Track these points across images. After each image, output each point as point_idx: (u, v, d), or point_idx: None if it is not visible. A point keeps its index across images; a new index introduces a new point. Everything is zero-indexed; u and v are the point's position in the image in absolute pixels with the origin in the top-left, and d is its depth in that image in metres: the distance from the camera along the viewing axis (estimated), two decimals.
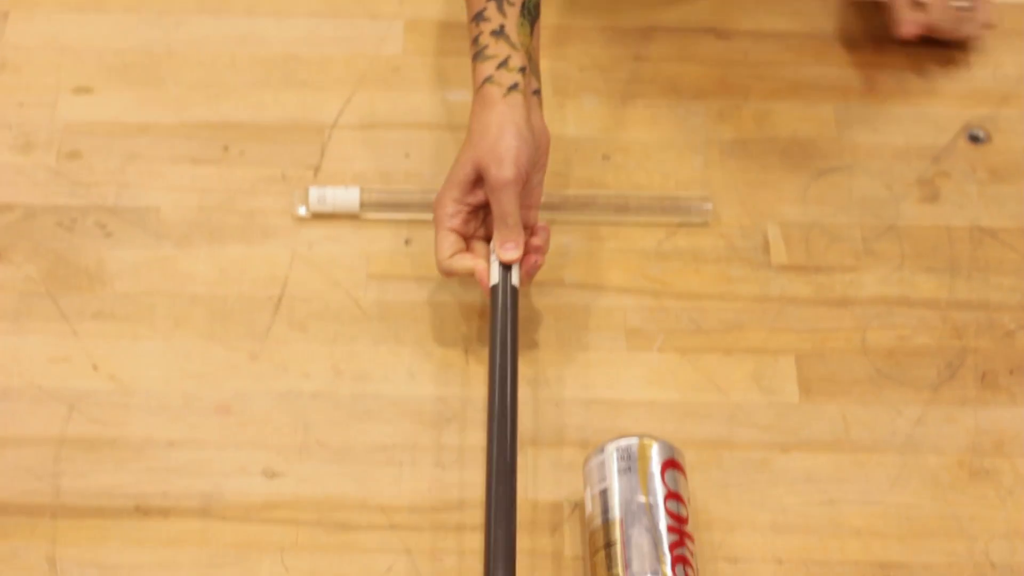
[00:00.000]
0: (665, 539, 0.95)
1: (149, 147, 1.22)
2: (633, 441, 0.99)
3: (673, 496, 0.97)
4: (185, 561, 1.00)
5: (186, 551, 1.01)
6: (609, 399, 1.09)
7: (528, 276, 1.09)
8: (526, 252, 1.08)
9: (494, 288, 1.06)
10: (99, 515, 1.02)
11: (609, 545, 0.96)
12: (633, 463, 0.98)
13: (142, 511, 1.02)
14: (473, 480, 1.04)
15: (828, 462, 1.06)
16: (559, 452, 1.06)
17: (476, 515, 1.03)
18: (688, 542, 0.96)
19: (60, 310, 1.12)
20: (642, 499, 0.97)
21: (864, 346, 1.12)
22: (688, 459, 1.04)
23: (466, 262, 1.07)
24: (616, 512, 0.97)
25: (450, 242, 1.07)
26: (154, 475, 1.04)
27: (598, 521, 0.98)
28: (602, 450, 1.00)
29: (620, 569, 0.94)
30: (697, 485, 1.04)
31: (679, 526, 0.96)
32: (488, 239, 1.09)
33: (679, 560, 0.94)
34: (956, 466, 1.07)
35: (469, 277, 1.08)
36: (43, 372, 1.09)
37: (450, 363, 1.11)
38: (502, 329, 1.04)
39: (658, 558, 0.94)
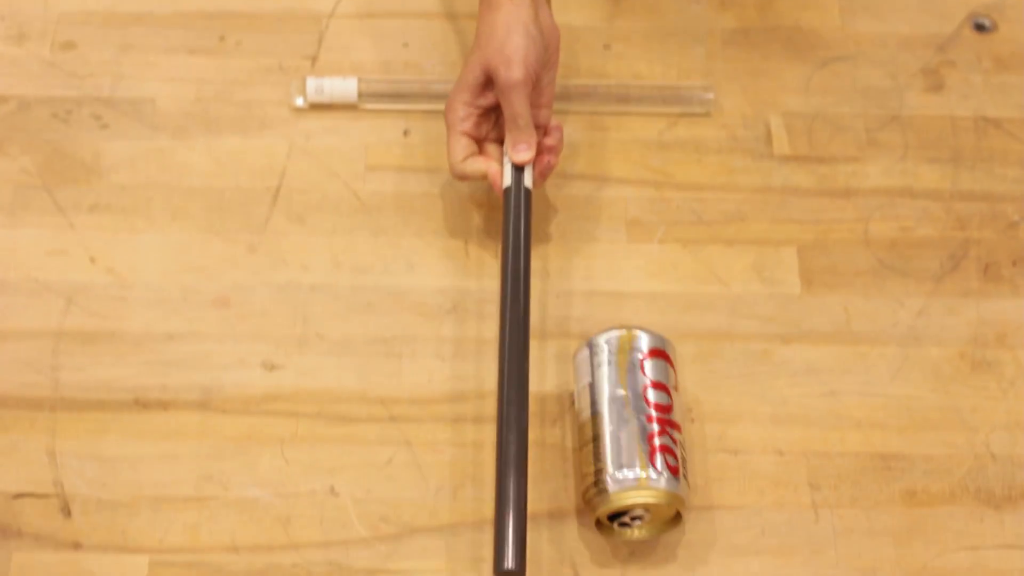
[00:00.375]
0: (646, 430, 0.94)
1: (144, 37, 1.20)
2: (614, 333, 0.99)
3: (657, 386, 0.96)
4: (184, 454, 1.00)
5: (185, 444, 1.00)
6: (611, 291, 1.08)
7: (542, 177, 1.07)
8: (539, 153, 1.06)
9: (507, 190, 1.05)
10: (98, 408, 1.01)
11: (595, 439, 0.95)
12: (614, 356, 0.98)
13: (141, 404, 1.02)
14: (473, 372, 1.04)
15: (829, 354, 1.05)
16: (562, 344, 1.05)
17: (476, 407, 1.02)
18: (672, 431, 0.95)
19: (56, 203, 1.10)
20: (621, 392, 0.96)
21: (866, 237, 1.11)
22: (689, 351, 1.04)
23: (479, 165, 1.06)
24: (600, 406, 0.96)
25: (462, 145, 1.05)
26: (153, 368, 1.03)
27: (584, 415, 0.97)
28: (587, 344, 0.99)
29: (603, 463, 0.94)
30: (698, 377, 1.04)
31: (663, 415, 0.95)
32: (501, 141, 1.07)
33: (662, 450, 0.94)
34: (957, 358, 1.06)
35: (482, 180, 1.06)
36: (40, 265, 1.07)
37: (450, 254, 1.09)
38: (515, 232, 1.03)
39: (639, 450, 0.93)
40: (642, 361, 0.97)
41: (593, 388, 0.97)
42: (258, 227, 1.10)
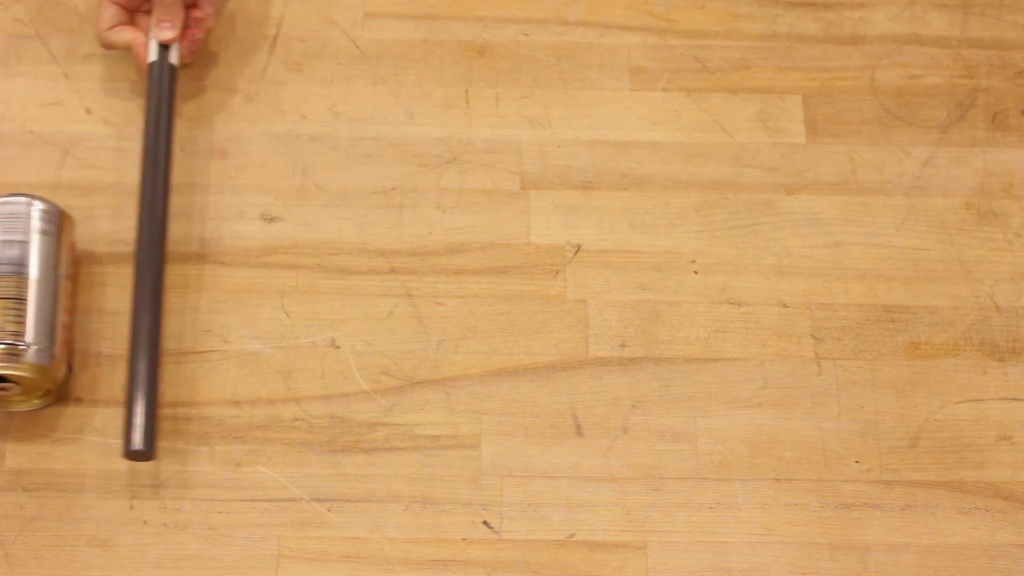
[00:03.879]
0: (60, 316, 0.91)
1: None
2: (53, 207, 0.93)
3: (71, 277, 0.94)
4: (184, 306, 0.95)
5: (185, 296, 0.96)
6: (613, 140, 1.02)
7: (190, 53, 1.01)
8: (187, 27, 1.00)
9: (151, 65, 0.99)
10: (97, 261, 0.97)
11: (18, 299, 0.90)
12: (55, 229, 0.92)
13: None
14: (474, 223, 0.99)
15: (834, 204, 1.00)
16: (562, 194, 1.00)
17: (478, 259, 0.98)
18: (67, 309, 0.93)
19: (51, 52, 1.04)
20: (62, 271, 0.92)
21: (873, 85, 1.05)
22: (691, 201, 1.01)
23: (124, 35, 1.00)
24: (33, 272, 0.90)
25: (112, 13, 1.00)
26: None
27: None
28: (21, 200, 0.93)
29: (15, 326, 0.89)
30: (700, 228, 0.99)
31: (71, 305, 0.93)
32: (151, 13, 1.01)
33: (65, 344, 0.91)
34: (963, 208, 1.00)
35: (128, 51, 1.00)
36: (35, 117, 1.02)
37: (451, 103, 1.03)
38: (156, 108, 0.97)
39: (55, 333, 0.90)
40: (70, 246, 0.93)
41: (28, 251, 0.91)
42: (255, 76, 1.04)
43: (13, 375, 0.88)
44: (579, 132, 1.03)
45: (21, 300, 0.89)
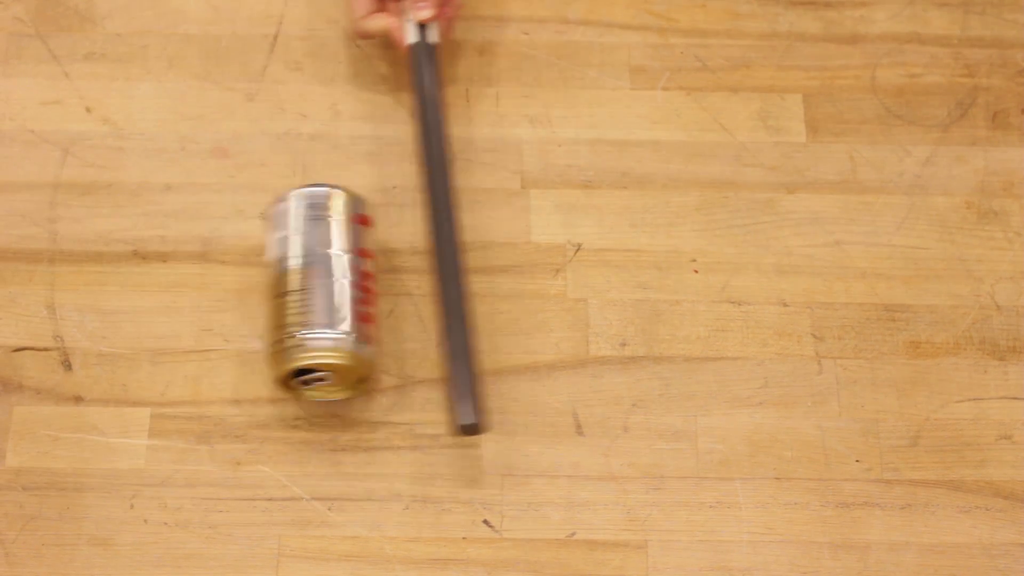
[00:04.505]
0: (348, 293, 0.89)
1: None
2: (322, 191, 0.93)
3: (360, 252, 0.92)
4: (185, 305, 0.95)
5: (185, 295, 0.95)
6: (613, 139, 1.02)
7: (447, 31, 1.02)
8: (441, 5, 1.00)
9: (412, 47, 0.99)
10: (97, 260, 0.96)
11: (291, 293, 0.89)
12: (321, 212, 0.92)
13: (140, 256, 0.96)
14: (475, 222, 0.98)
15: (834, 203, 1.00)
16: (562, 193, 0.99)
17: (478, 258, 0.97)
18: (375, 299, 0.91)
19: (51, 51, 1.04)
20: (327, 250, 0.91)
21: (873, 84, 1.05)
22: (692, 200, 1.00)
23: (380, 21, 1.00)
24: (300, 261, 0.90)
25: (364, 2, 1.00)
26: (151, 219, 0.98)
27: (284, 266, 0.91)
28: (286, 198, 0.93)
29: (300, 317, 0.88)
30: (701, 227, 0.99)
31: (364, 282, 0.90)
32: None
33: (362, 318, 0.89)
34: (964, 207, 1.00)
35: (385, 37, 1.01)
36: (35, 116, 1.01)
37: (451, 102, 1.03)
38: (424, 87, 0.98)
39: (339, 311, 0.89)
40: (348, 223, 0.92)
41: (296, 242, 0.91)
42: (256, 75, 1.04)
43: (334, 364, 0.88)
44: (580, 131, 1.03)
45: (328, 291, 0.89)
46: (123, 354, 0.93)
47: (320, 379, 0.90)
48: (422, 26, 0.99)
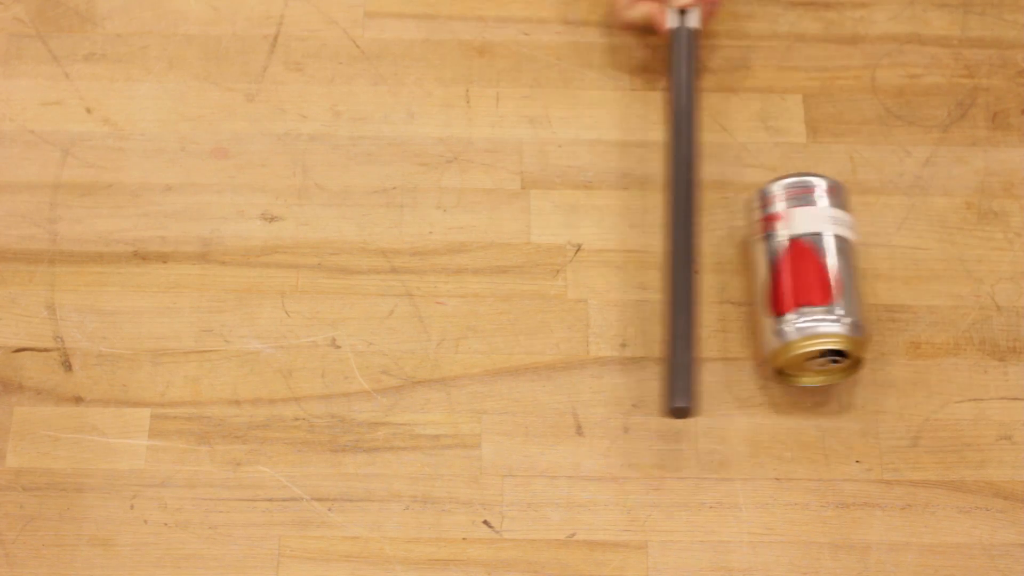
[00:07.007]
0: (835, 276, 0.91)
1: None
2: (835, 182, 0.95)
3: (839, 237, 0.94)
4: (185, 306, 0.95)
5: (186, 296, 0.95)
6: (613, 139, 1.02)
7: (709, 16, 1.03)
8: None
9: (672, 31, 1.00)
10: (97, 261, 0.96)
11: (775, 284, 0.92)
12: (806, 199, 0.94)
13: (140, 256, 0.96)
14: (475, 223, 0.98)
15: None
16: (562, 193, 1.00)
17: (478, 258, 0.97)
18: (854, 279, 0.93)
19: (51, 52, 1.04)
20: (808, 238, 0.93)
21: (873, 85, 1.05)
22: None
23: (643, 8, 1.02)
24: (782, 251, 0.93)
25: None
26: (151, 220, 0.98)
27: (766, 258, 0.93)
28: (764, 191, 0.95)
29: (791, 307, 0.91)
30: (703, 227, 0.98)
31: (845, 264, 0.93)
32: None
33: (848, 296, 0.91)
34: (964, 208, 1.00)
35: (647, 25, 1.02)
36: (35, 116, 1.01)
37: (451, 103, 1.03)
38: (681, 72, 0.99)
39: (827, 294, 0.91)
40: (828, 209, 0.94)
41: (778, 233, 0.93)
42: (256, 75, 1.04)
43: (851, 351, 0.90)
44: (580, 131, 1.03)
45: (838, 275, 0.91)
46: (123, 354, 0.93)
47: (834, 360, 0.91)
48: (682, 12, 1.00)
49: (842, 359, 0.91)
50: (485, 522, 0.90)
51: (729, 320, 0.96)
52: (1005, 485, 0.91)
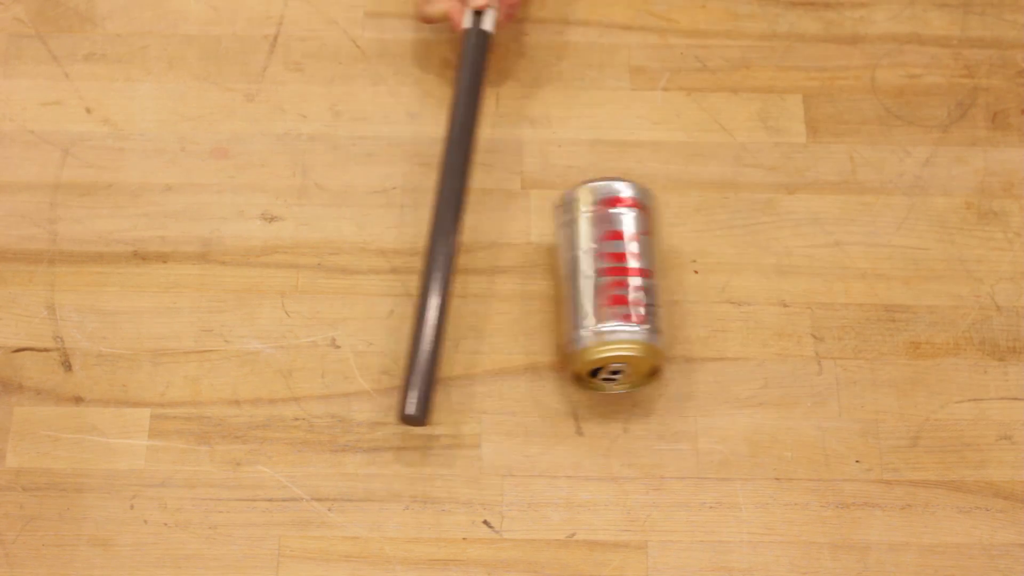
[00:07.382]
0: (594, 286, 0.90)
1: None
2: (570, 191, 0.93)
3: (610, 236, 0.91)
4: (185, 306, 0.95)
5: (186, 296, 0.95)
6: (613, 139, 1.02)
7: (507, 19, 1.02)
8: None
9: (465, 32, 0.99)
10: (97, 261, 0.96)
11: (560, 303, 0.92)
12: (570, 214, 0.93)
13: (140, 256, 0.96)
14: (475, 223, 0.98)
15: (834, 203, 1.00)
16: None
17: (478, 258, 0.97)
18: (630, 278, 0.90)
19: (51, 52, 1.04)
20: (574, 252, 0.91)
21: (873, 85, 1.05)
22: (692, 201, 1.00)
23: (441, 6, 1.01)
24: (562, 270, 0.92)
25: None
26: (151, 220, 0.98)
27: (561, 270, 0.93)
28: (561, 199, 0.94)
29: (566, 326, 0.90)
30: (701, 227, 0.99)
31: (616, 264, 0.90)
32: None
33: (615, 301, 0.89)
34: (964, 208, 1.00)
35: (445, 22, 1.01)
36: (35, 116, 1.01)
37: (450, 103, 1.02)
38: (467, 72, 0.98)
39: (587, 309, 0.89)
40: (594, 214, 0.92)
41: (557, 253, 0.93)
42: (255, 76, 1.04)
43: (631, 357, 0.89)
44: (580, 131, 1.03)
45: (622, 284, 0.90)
46: (123, 354, 0.93)
47: (616, 372, 0.90)
48: (478, 13, 1.00)
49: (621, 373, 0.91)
50: (485, 522, 0.90)
51: (729, 320, 0.96)
52: (1005, 485, 0.91)
